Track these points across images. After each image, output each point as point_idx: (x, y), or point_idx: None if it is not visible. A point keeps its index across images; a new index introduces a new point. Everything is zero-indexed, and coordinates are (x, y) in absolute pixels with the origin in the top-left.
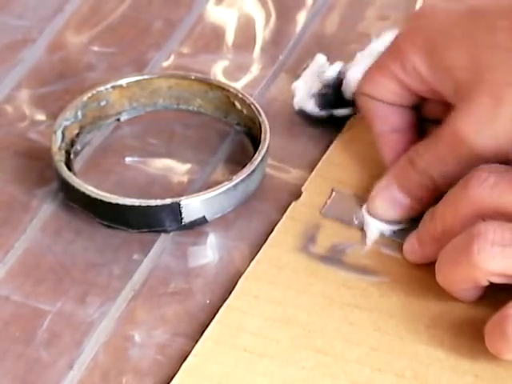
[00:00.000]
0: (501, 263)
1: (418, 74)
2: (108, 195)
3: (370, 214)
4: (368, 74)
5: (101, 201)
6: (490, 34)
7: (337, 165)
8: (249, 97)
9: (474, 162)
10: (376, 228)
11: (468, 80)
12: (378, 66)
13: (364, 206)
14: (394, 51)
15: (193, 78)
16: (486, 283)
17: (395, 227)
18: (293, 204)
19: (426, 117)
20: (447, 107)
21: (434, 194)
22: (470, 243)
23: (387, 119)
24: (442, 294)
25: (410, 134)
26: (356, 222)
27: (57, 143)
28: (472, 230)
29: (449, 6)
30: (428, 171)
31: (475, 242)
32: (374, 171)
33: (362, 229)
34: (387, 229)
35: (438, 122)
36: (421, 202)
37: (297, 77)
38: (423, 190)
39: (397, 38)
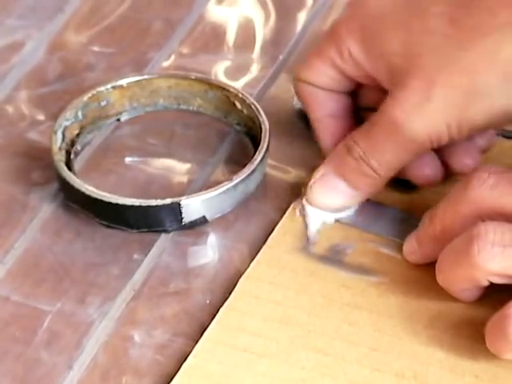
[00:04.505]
0: (501, 263)
1: (354, 60)
2: (108, 195)
3: (309, 203)
4: (305, 61)
5: (101, 201)
6: (422, 19)
7: None
8: (249, 97)
9: (413, 150)
10: (317, 217)
11: (401, 66)
12: (316, 52)
13: (303, 196)
14: (330, 37)
15: (193, 77)
16: (486, 283)
17: (337, 215)
18: (293, 204)
19: (363, 104)
20: (384, 94)
21: (379, 182)
22: (470, 243)
23: (324, 105)
24: (442, 294)
25: (346, 120)
26: (298, 213)
27: (57, 143)
28: (472, 231)
29: None
30: (365, 158)
31: (475, 243)
32: None
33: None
34: (329, 217)
35: (375, 109)
36: (363, 190)
37: None
38: (363, 178)
39: (334, 24)
